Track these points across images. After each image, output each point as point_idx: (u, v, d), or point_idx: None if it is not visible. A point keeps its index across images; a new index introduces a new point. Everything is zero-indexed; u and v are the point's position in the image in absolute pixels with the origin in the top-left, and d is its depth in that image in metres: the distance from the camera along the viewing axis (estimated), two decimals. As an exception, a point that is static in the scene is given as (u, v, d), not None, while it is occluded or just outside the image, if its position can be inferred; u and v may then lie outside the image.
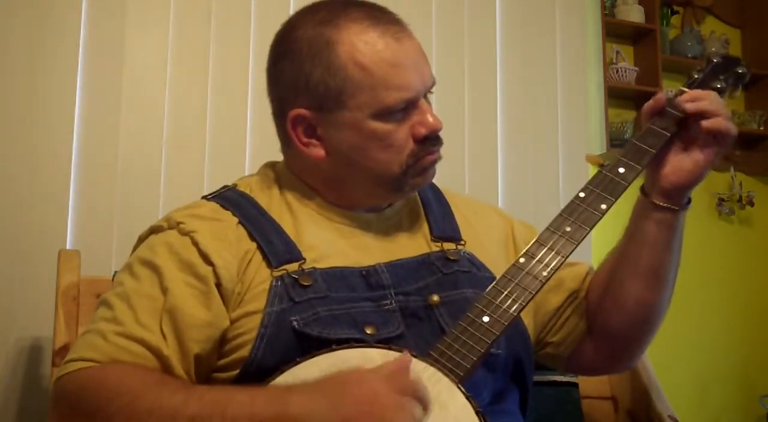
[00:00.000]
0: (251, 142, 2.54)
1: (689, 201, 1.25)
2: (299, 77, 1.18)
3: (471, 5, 2.96)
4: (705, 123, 1.20)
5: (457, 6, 2.93)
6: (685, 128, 1.22)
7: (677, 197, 1.23)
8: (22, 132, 2.29)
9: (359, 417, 0.93)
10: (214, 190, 1.28)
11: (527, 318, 1.28)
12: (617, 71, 3.25)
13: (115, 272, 1.27)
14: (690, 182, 1.22)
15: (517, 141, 2.98)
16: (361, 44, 1.16)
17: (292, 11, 1.26)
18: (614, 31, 3.31)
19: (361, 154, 1.19)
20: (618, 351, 1.33)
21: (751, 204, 3.43)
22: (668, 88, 3.25)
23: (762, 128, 3.45)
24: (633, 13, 3.30)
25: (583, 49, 3.16)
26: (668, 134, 1.22)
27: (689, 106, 1.21)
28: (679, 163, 1.22)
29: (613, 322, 1.28)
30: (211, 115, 2.51)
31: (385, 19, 1.19)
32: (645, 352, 1.41)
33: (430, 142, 1.20)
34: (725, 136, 1.20)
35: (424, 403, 0.98)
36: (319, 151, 1.20)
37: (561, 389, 1.72)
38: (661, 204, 1.22)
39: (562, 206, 1.19)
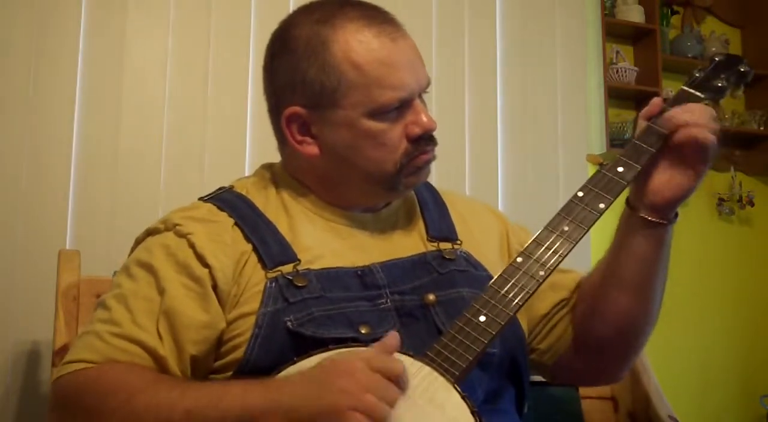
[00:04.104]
0: (251, 141, 2.54)
1: (677, 214, 1.23)
2: (295, 75, 1.19)
3: (471, 5, 2.96)
4: (678, 134, 1.17)
5: (457, 6, 2.94)
6: (674, 140, 1.20)
7: (665, 211, 1.21)
8: (22, 132, 2.29)
9: (338, 402, 0.94)
10: (215, 189, 1.28)
11: (522, 318, 1.28)
12: (617, 71, 3.25)
13: (115, 272, 1.27)
14: (679, 196, 1.20)
15: (517, 141, 2.98)
16: (356, 43, 1.16)
17: (291, 10, 1.27)
18: (614, 31, 3.31)
19: (355, 153, 1.19)
20: (602, 364, 1.32)
21: (751, 204, 3.43)
22: (668, 88, 3.25)
23: (762, 128, 3.45)
24: (633, 13, 3.30)
25: (583, 49, 3.16)
26: (668, 132, 1.21)
27: (669, 125, 1.19)
28: (668, 176, 1.20)
29: (597, 334, 1.27)
30: (211, 114, 2.51)
31: (381, 18, 1.19)
32: (645, 352, 1.40)
33: (424, 141, 1.20)
34: (702, 146, 1.17)
35: (400, 383, 0.98)
36: (312, 149, 1.21)
37: (561, 389, 1.72)
38: (650, 218, 1.21)
39: (562, 206, 1.19)
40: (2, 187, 2.25)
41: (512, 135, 2.97)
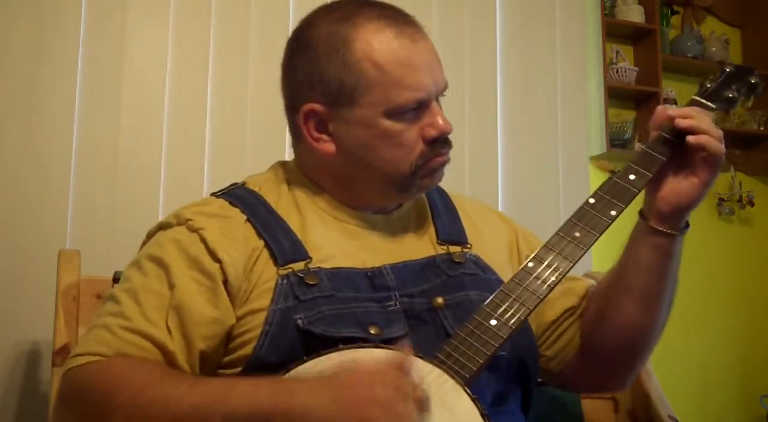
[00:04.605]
0: (251, 141, 2.53)
1: (687, 225, 1.24)
2: (314, 73, 1.19)
3: (471, 5, 2.96)
4: (691, 138, 1.19)
5: (457, 6, 2.93)
6: (683, 149, 1.21)
7: (674, 220, 1.22)
8: (22, 132, 2.29)
9: (357, 414, 0.94)
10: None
11: (531, 322, 1.27)
12: (617, 71, 3.25)
13: (115, 272, 1.28)
14: (686, 204, 1.21)
15: (517, 141, 2.98)
16: (376, 43, 1.17)
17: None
18: (614, 31, 3.31)
19: (371, 152, 1.19)
20: (608, 372, 1.33)
21: (751, 204, 3.43)
22: (668, 88, 3.25)
23: (762, 128, 3.45)
24: (633, 13, 3.30)
25: (583, 49, 3.16)
26: (679, 141, 1.21)
27: (680, 122, 1.20)
28: (675, 185, 1.21)
29: (604, 342, 1.28)
30: (211, 115, 2.51)
31: (402, 20, 1.20)
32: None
33: (439, 144, 1.21)
34: (713, 155, 1.18)
35: (421, 403, 0.98)
36: (329, 147, 1.21)
37: (561, 389, 1.72)
38: (658, 228, 1.21)
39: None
40: (2, 187, 2.25)
41: (512, 135, 2.97)
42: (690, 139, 1.19)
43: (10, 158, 2.27)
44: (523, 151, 2.98)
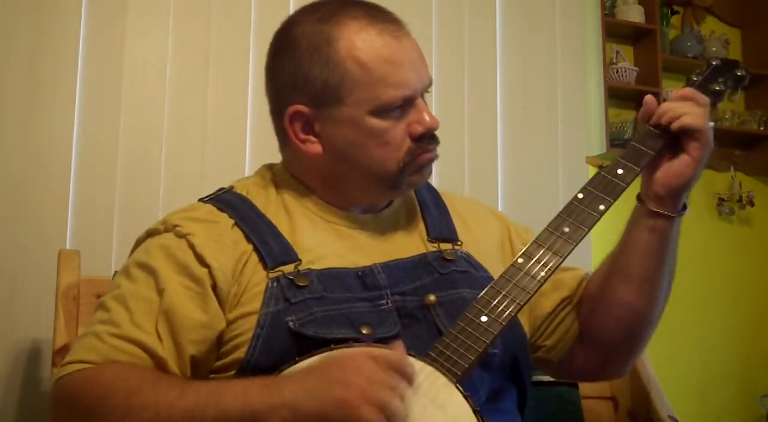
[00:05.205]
0: (251, 141, 2.54)
1: (684, 207, 1.24)
2: (298, 73, 1.19)
3: (471, 5, 2.96)
4: (673, 125, 1.20)
5: (457, 6, 2.93)
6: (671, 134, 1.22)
7: (670, 202, 1.22)
8: (22, 132, 2.29)
9: (346, 396, 0.94)
10: (215, 189, 1.28)
11: (523, 318, 1.28)
12: (617, 71, 3.25)
13: (116, 272, 1.28)
14: (680, 185, 1.21)
15: (517, 141, 2.97)
16: (359, 41, 1.17)
17: (291, 10, 1.27)
18: (614, 31, 3.31)
19: (358, 151, 1.19)
20: (608, 359, 1.33)
21: (751, 204, 3.43)
22: (668, 88, 3.25)
23: (762, 128, 3.45)
24: (633, 13, 3.30)
25: (583, 49, 3.16)
26: (664, 127, 1.22)
27: (664, 121, 1.22)
28: (668, 166, 1.22)
29: (603, 329, 1.28)
30: (211, 114, 2.51)
31: (384, 17, 1.20)
32: (645, 352, 1.40)
33: (426, 140, 1.20)
34: (696, 132, 1.19)
35: (409, 379, 0.98)
36: (316, 148, 1.21)
37: (561, 389, 1.73)
38: (655, 210, 1.22)
39: (562, 206, 1.20)
40: (2, 187, 2.25)
41: (512, 135, 2.97)
42: (673, 127, 1.20)
43: (10, 158, 2.27)
44: (523, 151, 2.97)
